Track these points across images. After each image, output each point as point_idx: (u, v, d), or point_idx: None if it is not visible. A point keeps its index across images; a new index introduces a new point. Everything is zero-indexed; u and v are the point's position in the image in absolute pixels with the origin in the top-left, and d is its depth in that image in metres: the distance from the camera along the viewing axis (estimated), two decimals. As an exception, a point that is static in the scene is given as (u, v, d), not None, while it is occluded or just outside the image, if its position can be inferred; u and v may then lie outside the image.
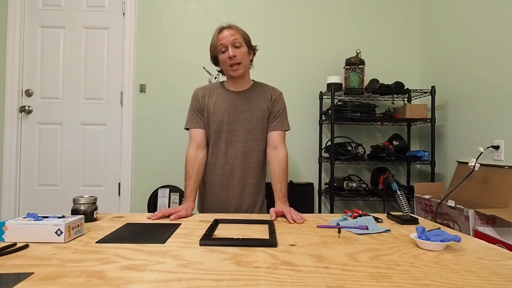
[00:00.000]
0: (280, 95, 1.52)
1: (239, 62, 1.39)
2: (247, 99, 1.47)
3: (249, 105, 1.46)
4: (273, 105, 1.48)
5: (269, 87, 1.53)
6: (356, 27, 2.65)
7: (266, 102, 1.48)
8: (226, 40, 1.38)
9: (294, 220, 1.13)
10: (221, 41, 1.38)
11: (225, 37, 1.38)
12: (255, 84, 1.52)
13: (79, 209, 1.09)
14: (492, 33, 1.91)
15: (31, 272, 0.66)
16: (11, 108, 2.53)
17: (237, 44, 1.38)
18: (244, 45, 1.41)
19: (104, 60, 2.61)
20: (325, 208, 2.62)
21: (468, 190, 1.88)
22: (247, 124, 1.45)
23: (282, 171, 1.41)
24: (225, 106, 1.45)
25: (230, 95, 1.47)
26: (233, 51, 1.37)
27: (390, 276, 0.66)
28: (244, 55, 1.41)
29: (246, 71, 1.47)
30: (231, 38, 1.37)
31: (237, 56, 1.38)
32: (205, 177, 1.51)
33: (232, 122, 1.44)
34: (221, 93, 1.48)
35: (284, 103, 1.52)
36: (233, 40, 1.37)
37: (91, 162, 2.60)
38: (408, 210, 1.16)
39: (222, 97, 1.47)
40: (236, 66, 1.40)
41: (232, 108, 1.45)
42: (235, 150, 1.45)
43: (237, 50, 1.38)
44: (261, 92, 1.49)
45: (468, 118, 2.10)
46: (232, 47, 1.38)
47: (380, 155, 2.32)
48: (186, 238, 0.93)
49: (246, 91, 1.49)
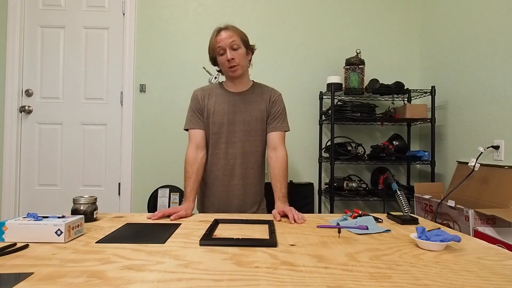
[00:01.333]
0: (279, 96, 1.52)
1: (237, 64, 1.40)
2: (246, 100, 1.47)
3: (247, 106, 1.47)
4: (271, 106, 1.49)
5: (268, 88, 1.53)
6: (356, 27, 2.65)
7: (264, 103, 1.49)
8: (224, 43, 1.38)
9: (295, 219, 1.14)
10: (219, 44, 1.39)
11: (223, 39, 1.38)
12: (255, 85, 1.53)
13: (79, 209, 1.09)
14: (492, 33, 1.91)
15: (31, 272, 0.66)
16: (11, 108, 2.53)
17: (235, 46, 1.39)
18: (242, 46, 1.41)
19: (104, 60, 2.61)
20: (325, 208, 2.62)
21: (468, 190, 1.88)
22: (246, 125, 1.46)
23: (282, 171, 1.41)
24: (224, 107, 1.46)
25: (230, 96, 1.48)
26: (231, 54, 1.38)
27: (390, 276, 0.66)
28: (242, 56, 1.42)
29: (245, 72, 1.48)
30: (229, 40, 1.38)
31: (235, 59, 1.39)
32: (205, 178, 1.51)
33: (232, 123, 1.45)
34: (220, 94, 1.49)
35: (283, 104, 1.52)
36: (231, 42, 1.38)
37: (91, 162, 2.60)
38: (408, 210, 1.16)
39: (222, 98, 1.48)
40: (235, 68, 1.41)
41: (231, 109, 1.46)
42: (234, 151, 1.46)
43: (235, 52, 1.39)
44: (260, 94, 1.50)
45: (468, 118, 2.10)
46: (230, 50, 1.38)
47: (380, 155, 2.32)
48: (186, 238, 0.93)
49: (245, 92, 1.49)
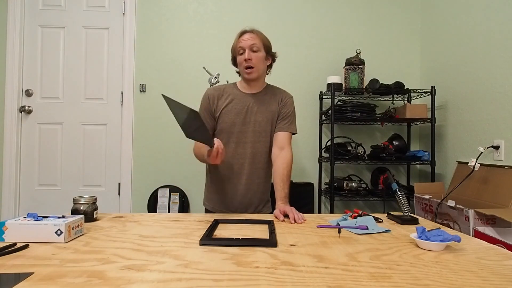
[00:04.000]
0: (290, 99, 1.55)
1: (253, 65, 1.43)
2: (258, 101, 1.50)
3: (260, 107, 1.49)
4: (282, 107, 1.51)
5: (281, 90, 1.56)
6: (356, 27, 2.65)
7: (276, 104, 1.51)
8: (245, 43, 1.42)
9: (295, 219, 1.14)
10: (240, 44, 1.44)
11: (245, 40, 1.43)
12: (268, 87, 1.55)
13: (79, 209, 1.09)
14: (492, 33, 1.91)
15: (31, 272, 0.66)
16: (11, 108, 2.52)
17: (255, 48, 1.42)
18: (262, 50, 1.44)
19: (104, 60, 2.61)
20: (325, 208, 2.62)
21: (468, 190, 1.88)
22: (257, 125, 1.48)
23: (287, 171, 1.42)
24: (237, 107, 1.48)
25: (243, 96, 1.50)
26: (249, 54, 1.42)
27: (390, 276, 0.66)
28: (260, 60, 1.44)
29: (261, 76, 1.49)
30: (250, 42, 1.42)
31: (252, 60, 1.42)
32: (213, 175, 1.55)
33: (244, 124, 1.48)
34: (234, 94, 1.51)
35: (293, 107, 1.54)
36: (252, 44, 1.42)
37: (91, 162, 2.60)
38: (408, 210, 1.16)
39: (235, 98, 1.50)
40: (250, 70, 1.43)
41: (244, 109, 1.48)
42: (244, 151, 1.48)
43: (253, 54, 1.42)
44: (273, 95, 1.52)
45: (468, 118, 2.10)
46: (249, 51, 1.42)
47: (380, 155, 2.32)
48: (186, 238, 0.93)
49: (259, 93, 1.52)
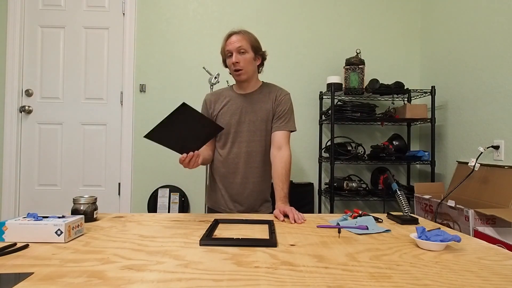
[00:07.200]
0: (286, 96, 1.52)
1: (241, 68, 1.43)
2: (252, 100, 1.50)
3: (254, 106, 1.49)
4: (277, 105, 1.50)
5: (276, 87, 1.55)
6: (356, 27, 2.65)
7: (270, 102, 1.50)
8: (232, 46, 1.43)
9: (295, 219, 1.14)
10: (227, 47, 1.44)
11: (232, 42, 1.43)
12: (263, 85, 1.55)
13: (79, 209, 1.09)
14: (492, 33, 1.91)
15: (31, 272, 0.66)
16: (11, 108, 2.52)
17: (242, 50, 1.42)
18: (250, 52, 1.44)
19: (104, 60, 2.61)
20: (325, 208, 2.62)
21: (468, 190, 1.88)
22: (252, 125, 1.49)
23: (285, 171, 1.42)
24: (232, 108, 1.50)
25: (238, 97, 1.51)
26: (236, 58, 1.42)
27: (390, 276, 0.66)
28: (248, 61, 1.44)
29: (251, 76, 1.49)
30: (237, 44, 1.42)
31: (240, 63, 1.42)
32: (212, 174, 1.58)
33: (239, 124, 1.49)
34: (229, 96, 1.53)
35: (290, 104, 1.53)
36: (239, 46, 1.42)
37: (91, 162, 2.60)
38: (408, 210, 1.16)
39: (230, 99, 1.51)
40: (239, 72, 1.44)
41: (238, 110, 1.49)
42: (239, 150, 1.49)
43: (241, 56, 1.42)
44: (267, 93, 1.52)
45: (468, 118, 2.10)
46: (237, 53, 1.42)
47: (380, 155, 2.32)
48: (186, 238, 0.93)
49: (253, 93, 1.52)
